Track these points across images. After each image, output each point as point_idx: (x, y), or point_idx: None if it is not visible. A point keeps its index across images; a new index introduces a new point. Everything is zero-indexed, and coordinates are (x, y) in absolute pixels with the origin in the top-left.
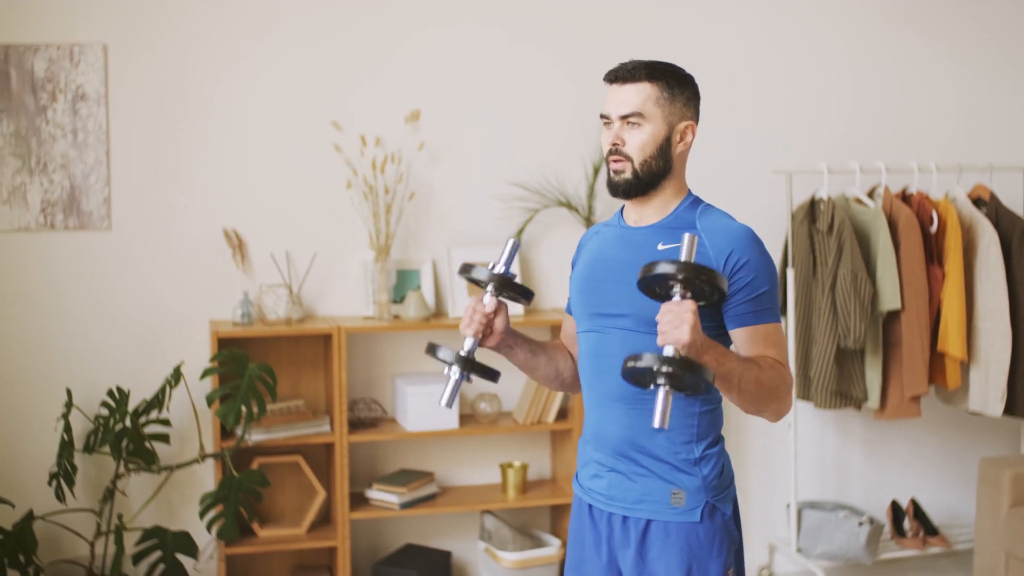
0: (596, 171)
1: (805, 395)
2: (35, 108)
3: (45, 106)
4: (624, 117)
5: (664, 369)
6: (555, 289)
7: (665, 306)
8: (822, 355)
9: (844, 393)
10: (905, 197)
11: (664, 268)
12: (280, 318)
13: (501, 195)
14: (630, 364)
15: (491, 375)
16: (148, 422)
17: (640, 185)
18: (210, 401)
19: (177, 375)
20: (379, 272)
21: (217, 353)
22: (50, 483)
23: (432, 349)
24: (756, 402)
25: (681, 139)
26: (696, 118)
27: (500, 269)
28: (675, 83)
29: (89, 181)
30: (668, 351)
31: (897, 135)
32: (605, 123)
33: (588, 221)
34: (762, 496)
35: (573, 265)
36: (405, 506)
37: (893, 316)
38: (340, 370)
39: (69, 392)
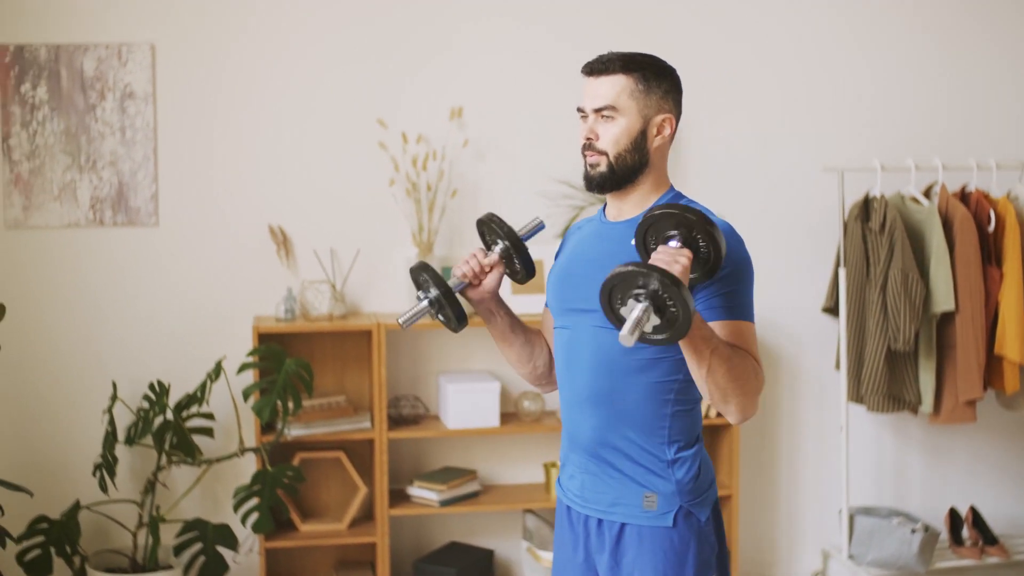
0: None
1: (856, 397)
2: (84, 106)
3: (94, 104)
4: (598, 110)
5: (651, 280)
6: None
7: (660, 248)
8: (873, 357)
9: (896, 396)
10: (963, 196)
11: (664, 214)
12: (323, 314)
13: (547, 192)
14: (617, 270)
15: (457, 318)
16: (191, 416)
17: (615, 179)
18: (246, 395)
19: (218, 369)
20: None
21: (255, 348)
22: (94, 474)
23: (418, 269)
24: (724, 386)
25: (658, 132)
26: (675, 111)
27: (518, 230)
28: (652, 75)
29: (137, 178)
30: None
31: (956, 131)
32: (581, 116)
33: None
34: (816, 501)
35: (555, 260)
36: (445, 504)
37: (947, 318)
38: (380, 367)
39: (114, 385)
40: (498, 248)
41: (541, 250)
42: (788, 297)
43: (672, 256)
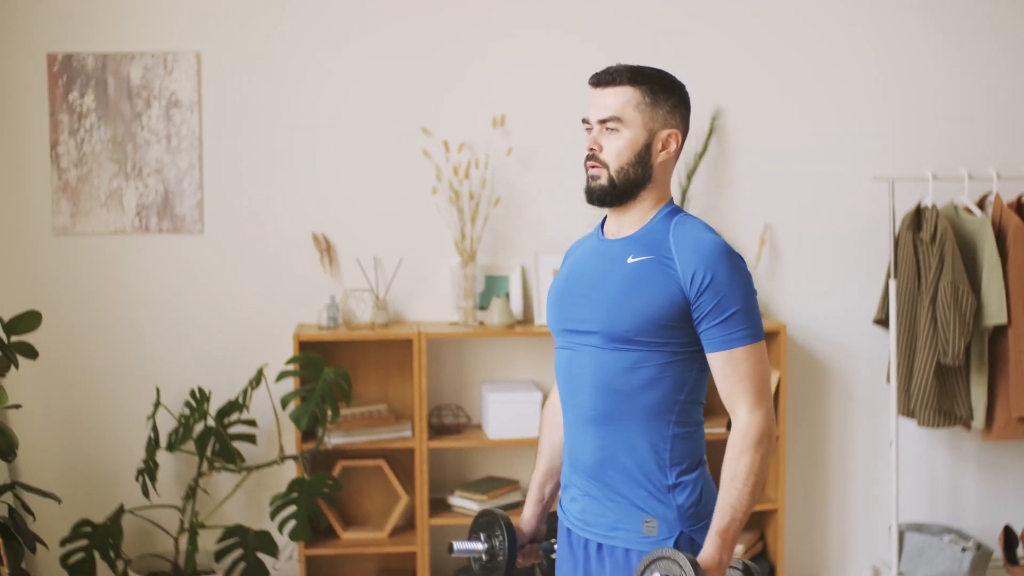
0: (689, 177)
1: (907, 411)
2: (131, 114)
3: (140, 112)
4: (603, 121)
5: None
6: None
7: None
8: (922, 370)
9: (947, 411)
10: (1019, 206)
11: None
12: (365, 323)
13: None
14: None
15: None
16: (233, 422)
17: (616, 193)
18: (285, 403)
19: (259, 377)
20: (464, 278)
21: (294, 356)
22: (137, 479)
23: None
24: (762, 485)
25: (663, 147)
26: (681, 127)
27: (500, 572)
28: (659, 89)
29: (182, 185)
30: None
31: (1011, 141)
32: (586, 128)
33: None
34: (867, 516)
35: (555, 278)
36: None
37: (1000, 332)
38: (420, 375)
39: (158, 391)
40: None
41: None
42: (839, 308)
43: None
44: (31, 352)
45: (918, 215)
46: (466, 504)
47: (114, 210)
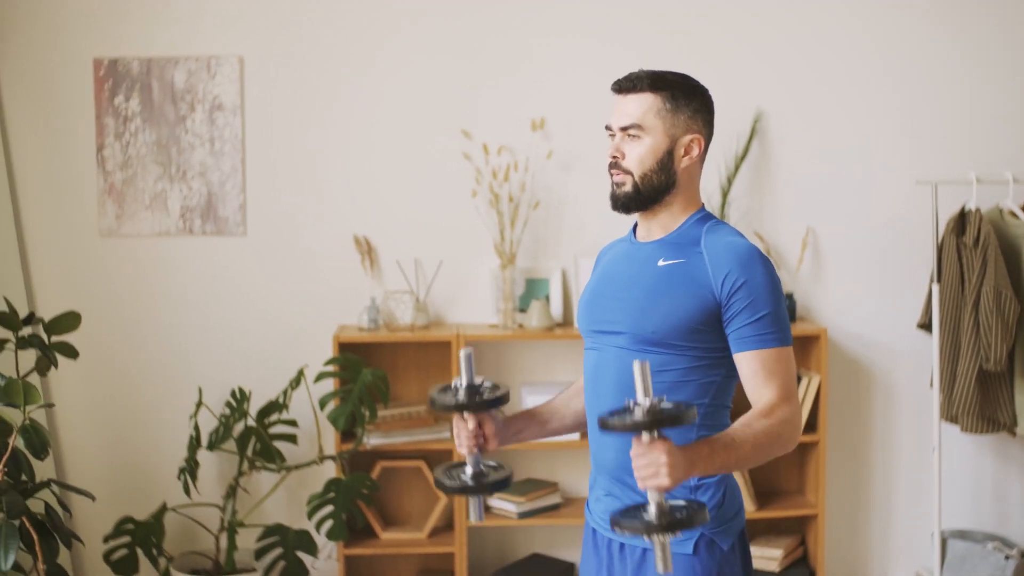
0: (731, 180)
1: (950, 417)
2: (175, 118)
3: (184, 116)
4: (624, 128)
5: (655, 527)
6: None
7: (634, 450)
8: (965, 376)
9: (991, 417)
10: None
11: (617, 421)
12: (405, 325)
13: None
14: (618, 525)
15: (503, 484)
16: (273, 423)
17: (641, 199)
18: (323, 404)
19: (298, 378)
20: (504, 280)
21: (333, 358)
22: (179, 477)
23: (438, 483)
24: (763, 460)
25: (686, 153)
26: (704, 131)
27: (463, 395)
28: (680, 94)
29: (225, 188)
30: (652, 496)
31: None
32: (609, 135)
33: None
34: (910, 522)
35: (589, 280)
36: (523, 516)
37: None
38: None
39: (200, 391)
40: (466, 413)
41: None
42: (882, 312)
43: (653, 463)
44: (71, 352)
45: (962, 219)
46: (505, 506)
47: (159, 212)
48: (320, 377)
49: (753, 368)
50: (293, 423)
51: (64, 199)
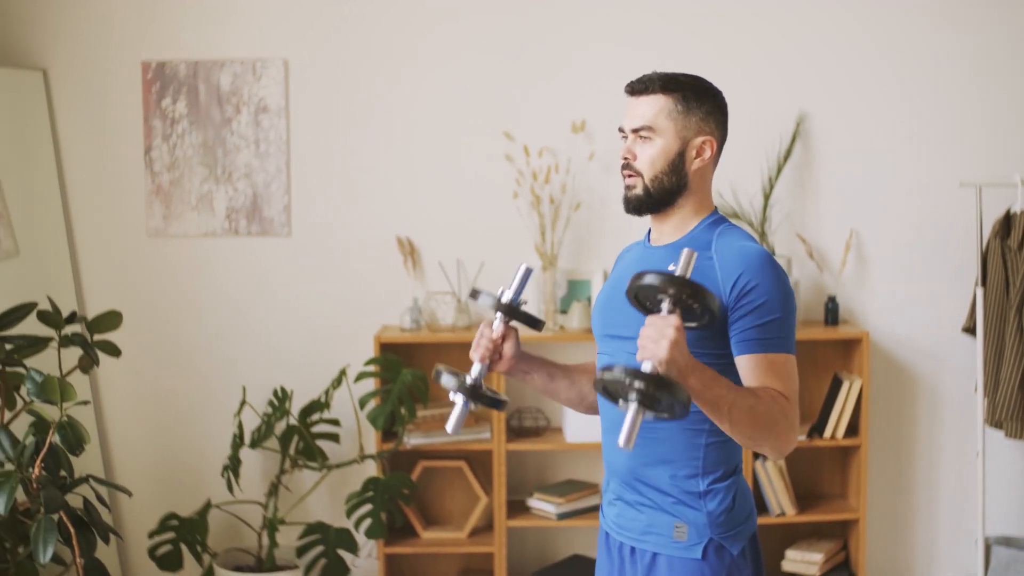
0: (773, 181)
1: (994, 422)
2: (221, 120)
3: (230, 118)
4: (636, 130)
5: (635, 385)
6: None
7: (649, 319)
8: (1008, 380)
9: None
10: None
11: (650, 279)
12: (447, 325)
13: None
14: (602, 375)
15: (496, 404)
16: (315, 422)
17: (652, 202)
18: (363, 404)
19: (340, 378)
20: (545, 282)
21: (373, 358)
22: (222, 475)
23: (437, 374)
24: (751, 434)
25: (698, 155)
26: (716, 134)
27: (507, 297)
28: (692, 96)
29: (270, 189)
30: (645, 367)
31: None
32: (622, 136)
33: (761, 233)
34: (954, 528)
35: (604, 283)
36: (562, 517)
37: None
38: (499, 378)
39: (244, 389)
40: (499, 317)
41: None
42: (926, 315)
43: (659, 331)
44: (114, 350)
45: (1007, 221)
46: (544, 507)
47: (205, 213)
48: (360, 377)
49: (756, 372)
50: (335, 422)
51: (113, 200)
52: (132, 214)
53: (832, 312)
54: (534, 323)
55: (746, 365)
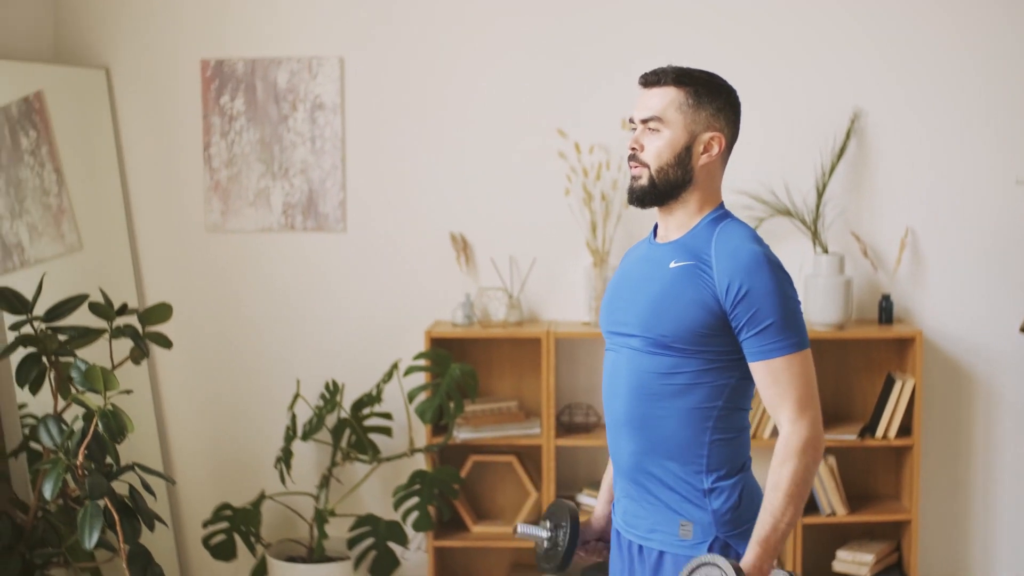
0: (826, 179)
1: None
2: (278, 117)
3: (287, 115)
4: (644, 121)
5: None
6: None
7: None
8: None
9: None
10: None
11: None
12: (498, 321)
13: (730, 204)
14: None
15: (563, 563)
16: (367, 415)
17: (656, 194)
18: (411, 397)
19: (391, 372)
20: (596, 278)
21: (422, 352)
22: (276, 466)
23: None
24: (808, 494)
25: (705, 150)
26: (726, 131)
27: (561, 552)
28: (704, 91)
29: (326, 185)
30: None
31: None
32: (632, 127)
33: (814, 231)
34: (1011, 534)
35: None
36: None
37: None
38: (548, 374)
39: (298, 382)
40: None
41: None
42: (984, 315)
43: None
44: (165, 342)
45: None
46: (591, 501)
47: (262, 209)
48: (409, 371)
49: (765, 381)
50: (388, 416)
51: (172, 196)
52: (191, 209)
53: (886, 311)
54: (575, 541)
55: (757, 373)
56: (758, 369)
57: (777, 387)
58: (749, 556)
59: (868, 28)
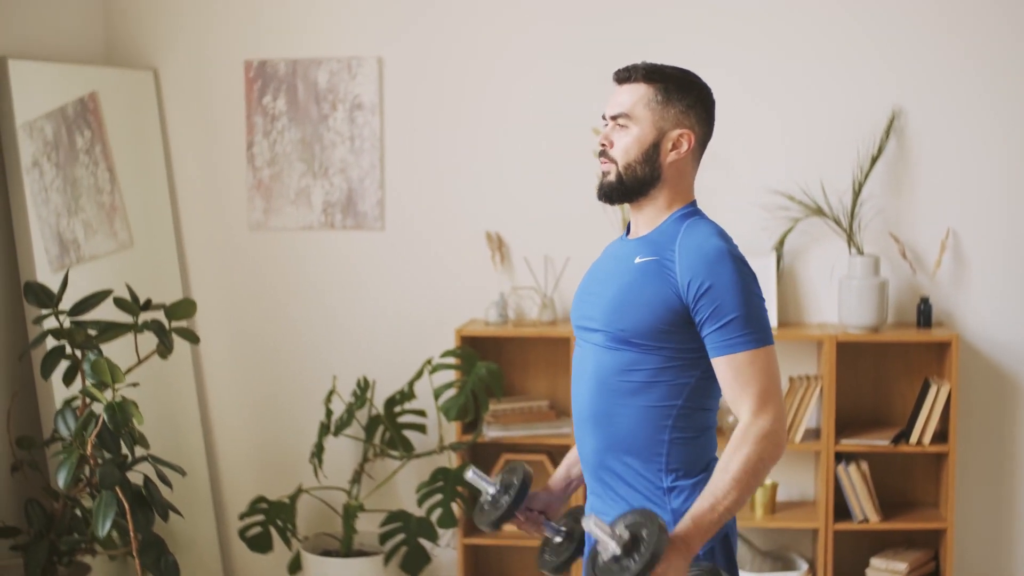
0: (863, 180)
1: None
2: (318, 117)
3: (327, 115)
4: (614, 117)
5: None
6: (820, 302)
7: None
8: None
9: None
10: None
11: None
12: (531, 320)
13: (765, 204)
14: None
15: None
16: (402, 412)
17: (623, 190)
18: (437, 395)
19: (423, 369)
20: None
21: (449, 350)
22: (310, 461)
23: (553, 569)
24: (757, 484)
25: (674, 147)
26: (697, 129)
27: (503, 505)
28: (674, 88)
29: (365, 184)
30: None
31: None
32: (604, 124)
33: (849, 232)
34: None
35: None
36: None
37: None
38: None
39: (334, 378)
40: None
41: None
42: None
43: None
44: (192, 337)
45: None
46: None
47: (302, 207)
48: (436, 368)
49: (726, 375)
50: (422, 413)
51: (217, 194)
52: (234, 208)
53: (924, 314)
54: (524, 491)
55: (718, 368)
56: (720, 364)
57: (739, 382)
58: (678, 528)
59: (908, 26)
